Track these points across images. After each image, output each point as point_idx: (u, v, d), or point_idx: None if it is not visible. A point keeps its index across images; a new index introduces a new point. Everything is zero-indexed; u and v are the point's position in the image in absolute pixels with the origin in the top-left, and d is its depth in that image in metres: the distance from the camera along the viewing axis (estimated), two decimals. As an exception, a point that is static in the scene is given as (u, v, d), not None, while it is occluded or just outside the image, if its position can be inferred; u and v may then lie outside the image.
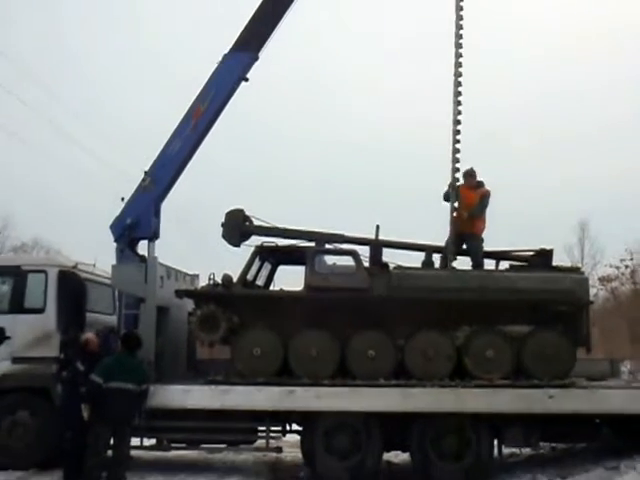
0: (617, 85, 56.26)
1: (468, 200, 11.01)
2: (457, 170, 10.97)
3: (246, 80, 11.72)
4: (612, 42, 56.84)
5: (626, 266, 28.11)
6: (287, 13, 11.70)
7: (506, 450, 10.90)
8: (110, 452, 9.51)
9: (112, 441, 9.49)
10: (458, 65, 11.06)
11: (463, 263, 11.12)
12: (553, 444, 11.48)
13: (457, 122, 11.00)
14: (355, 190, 52.82)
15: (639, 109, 53.64)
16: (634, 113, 54.19)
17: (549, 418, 9.91)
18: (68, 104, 49.73)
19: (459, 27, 11.07)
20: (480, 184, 11.13)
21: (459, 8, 11.08)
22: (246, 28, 11.67)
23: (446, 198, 11.03)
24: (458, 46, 11.07)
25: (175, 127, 11.53)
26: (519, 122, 54.12)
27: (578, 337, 10.37)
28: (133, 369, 9.58)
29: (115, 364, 9.54)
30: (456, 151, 10.96)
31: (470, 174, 11.14)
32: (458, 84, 11.07)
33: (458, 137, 10.98)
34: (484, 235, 11.10)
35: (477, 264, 10.90)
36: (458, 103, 11.05)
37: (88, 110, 55.02)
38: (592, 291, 11.79)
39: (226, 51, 11.62)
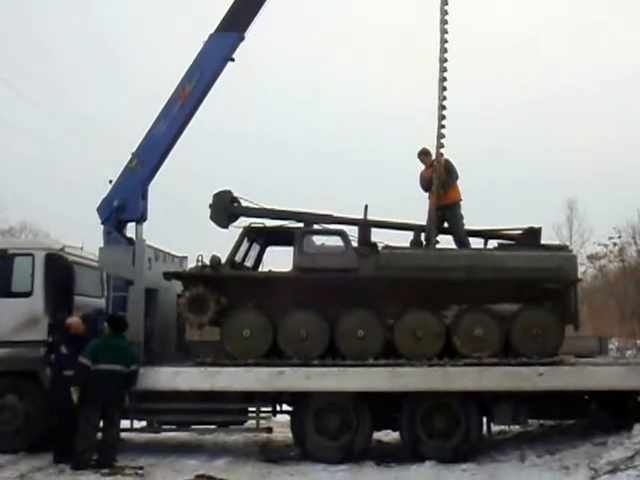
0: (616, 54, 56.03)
1: (429, 177, 11.17)
2: (442, 146, 11.06)
3: (232, 60, 11.64)
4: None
5: (614, 244, 28.21)
6: None
7: (495, 428, 10.97)
8: (100, 435, 9.53)
9: (102, 424, 9.51)
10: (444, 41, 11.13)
11: (450, 242, 11.19)
12: (541, 421, 11.59)
13: (443, 95, 11.07)
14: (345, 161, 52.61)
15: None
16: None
17: (537, 395, 9.96)
18: (49, 83, 49.29)
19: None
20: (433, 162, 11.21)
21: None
22: (232, 7, 11.56)
23: (422, 185, 11.24)
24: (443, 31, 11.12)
25: (162, 108, 11.44)
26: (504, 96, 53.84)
27: (566, 315, 10.42)
28: (121, 350, 9.58)
29: (102, 346, 9.54)
30: (441, 126, 11.06)
31: (424, 152, 11.34)
32: (444, 60, 11.16)
33: (444, 112, 11.10)
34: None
35: (459, 236, 10.94)
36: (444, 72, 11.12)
37: (73, 91, 54.63)
38: (580, 269, 11.81)
39: (212, 31, 11.53)
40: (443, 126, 11.07)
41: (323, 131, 57.99)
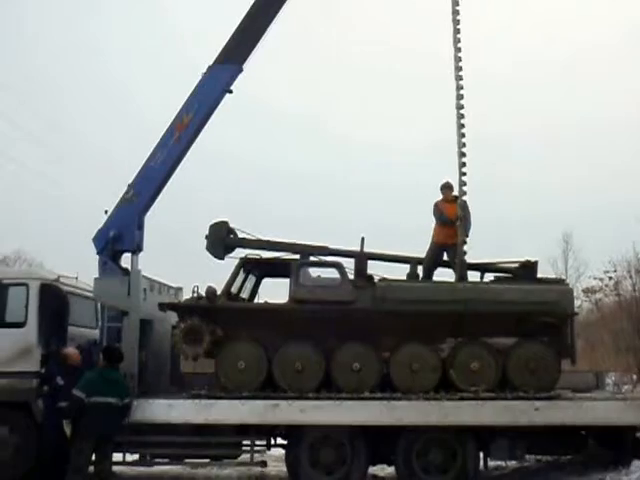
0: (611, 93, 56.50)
1: (449, 212, 11.03)
2: (464, 174, 10.95)
3: (230, 92, 11.69)
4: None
5: (610, 278, 28.22)
6: (272, 24, 11.69)
7: (492, 463, 10.89)
8: (92, 468, 9.40)
9: (94, 456, 9.38)
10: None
11: (444, 275, 11.17)
12: (539, 456, 11.48)
13: (461, 125, 11.06)
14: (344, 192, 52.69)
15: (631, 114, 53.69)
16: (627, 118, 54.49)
17: (535, 430, 9.90)
18: (45, 111, 49.41)
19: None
20: (456, 197, 11.13)
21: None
22: (231, 39, 11.65)
23: (435, 214, 11.12)
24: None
25: (159, 139, 11.48)
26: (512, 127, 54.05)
27: (563, 349, 10.38)
28: (115, 383, 9.49)
29: (97, 378, 9.45)
30: (463, 164, 10.95)
31: (448, 187, 11.21)
32: (460, 85, 11.17)
33: (463, 140, 11.01)
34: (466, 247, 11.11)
35: (461, 275, 10.90)
36: (461, 108, 11.12)
37: (68, 120, 54.89)
38: (576, 303, 11.81)
39: (210, 63, 11.61)
40: (464, 164, 10.92)
41: (321, 161, 58.09)
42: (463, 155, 10.93)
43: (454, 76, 11.15)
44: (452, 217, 10.95)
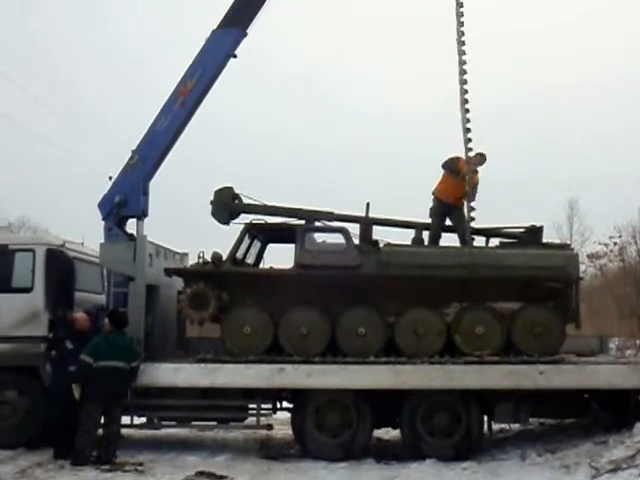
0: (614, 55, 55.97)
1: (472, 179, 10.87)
2: (470, 150, 10.72)
3: (234, 57, 11.58)
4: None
5: (614, 243, 28.15)
6: None
7: (496, 426, 10.97)
8: (100, 431, 9.52)
9: (103, 420, 9.50)
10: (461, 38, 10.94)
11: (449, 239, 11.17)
12: (542, 420, 11.57)
13: (465, 101, 10.85)
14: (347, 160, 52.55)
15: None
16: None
17: (539, 394, 9.96)
18: (49, 76, 49.14)
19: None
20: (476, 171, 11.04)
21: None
22: (234, 3, 11.51)
23: (447, 167, 10.98)
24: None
25: (163, 104, 11.41)
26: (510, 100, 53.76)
27: (568, 313, 10.41)
28: (122, 347, 9.59)
29: (104, 343, 9.54)
30: (467, 130, 10.71)
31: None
32: (462, 52, 10.86)
33: (468, 116, 10.74)
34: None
35: (466, 240, 10.88)
36: (464, 72, 10.91)
37: (73, 85, 54.59)
38: (581, 268, 11.79)
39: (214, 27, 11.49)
40: (470, 139, 10.69)
41: (326, 128, 57.84)
42: (468, 131, 10.75)
43: (457, 51, 10.92)
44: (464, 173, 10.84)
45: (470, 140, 10.70)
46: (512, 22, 58.59)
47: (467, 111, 10.77)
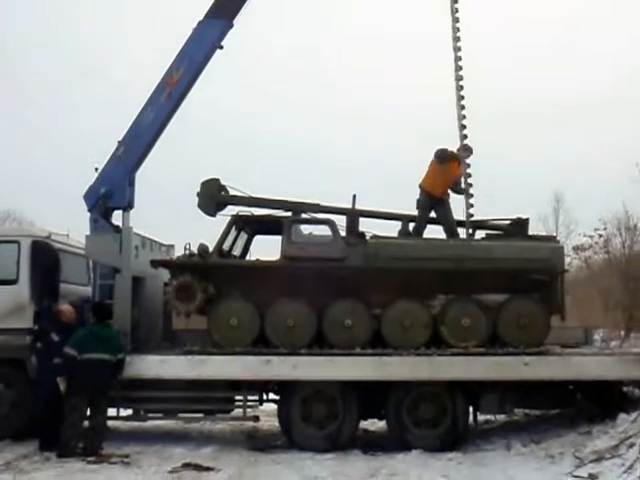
0: (599, 58, 56.19)
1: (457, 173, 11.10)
2: (465, 127, 10.99)
3: (221, 48, 11.56)
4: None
5: (600, 235, 28.31)
6: None
7: (481, 417, 11.04)
8: (86, 423, 9.50)
9: (88, 412, 9.48)
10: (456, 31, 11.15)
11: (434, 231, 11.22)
12: (527, 410, 11.65)
13: (460, 97, 11.05)
14: (333, 158, 52.50)
15: (619, 81, 53.51)
16: (615, 84, 54.21)
17: (524, 385, 10.02)
18: (39, 71, 48.77)
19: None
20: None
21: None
22: (221, -6, 11.47)
23: (440, 157, 11.02)
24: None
25: (149, 95, 11.36)
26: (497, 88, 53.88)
27: (553, 305, 10.47)
28: (107, 339, 9.57)
29: (88, 335, 9.52)
30: (463, 127, 10.98)
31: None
32: (458, 39, 11.12)
33: (463, 112, 11.03)
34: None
35: (452, 231, 10.95)
36: (458, 59, 11.10)
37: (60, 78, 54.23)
38: (566, 260, 11.86)
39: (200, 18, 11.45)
40: (465, 136, 10.97)
41: (308, 124, 57.74)
42: (464, 127, 11.00)
43: (452, 47, 11.11)
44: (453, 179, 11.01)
45: (466, 136, 10.89)
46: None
47: (463, 107, 10.93)
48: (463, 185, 10.99)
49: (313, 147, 53.05)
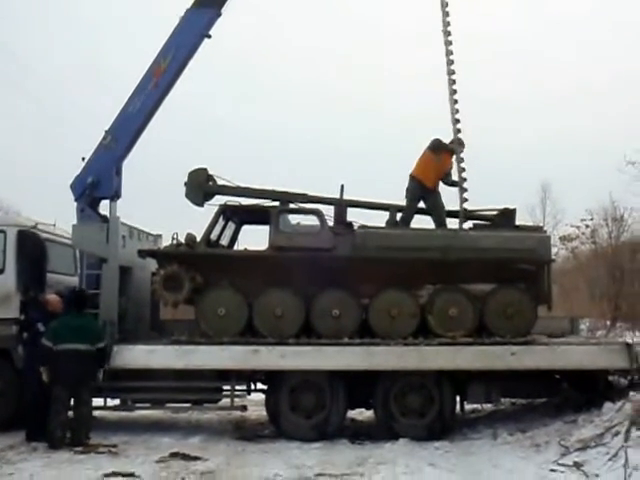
0: (590, 48, 56.30)
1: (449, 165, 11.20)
2: (458, 121, 11.13)
3: (209, 37, 11.49)
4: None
5: (586, 226, 28.53)
6: None
7: (468, 406, 11.11)
8: (71, 413, 9.48)
9: (73, 402, 9.45)
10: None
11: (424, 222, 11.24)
12: (513, 400, 11.72)
13: (453, 91, 11.14)
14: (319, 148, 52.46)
15: (612, 71, 53.76)
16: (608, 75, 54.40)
17: (510, 374, 10.06)
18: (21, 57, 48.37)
19: None
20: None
21: None
22: (209, -18, 11.40)
23: (436, 147, 11.10)
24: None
25: (136, 85, 11.30)
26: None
27: (539, 295, 10.50)
28: (81, 328, 9.50)
29: (61, 325, 9.47)
30: (457, 121, 11.11)
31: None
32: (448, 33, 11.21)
33: (457, 107, 11.14)
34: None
35: (441, 221, 10.98)
36: (450, 53, 11.18)
37: (46, 68, 53.82)
38: (553, 250, 11.93)
39: (188, 6, 11.37)
40: (459, 130, 11.10)
41: (303, 113, 57.60)
42: (457, 122, 11.11)
43: (443, 41, 11.18)
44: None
45: (459, 130, 11.05)
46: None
47: (456, 102, 11.04)
48: (456, 178, 11.04)
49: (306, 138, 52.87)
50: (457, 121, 11.06)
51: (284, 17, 58.65)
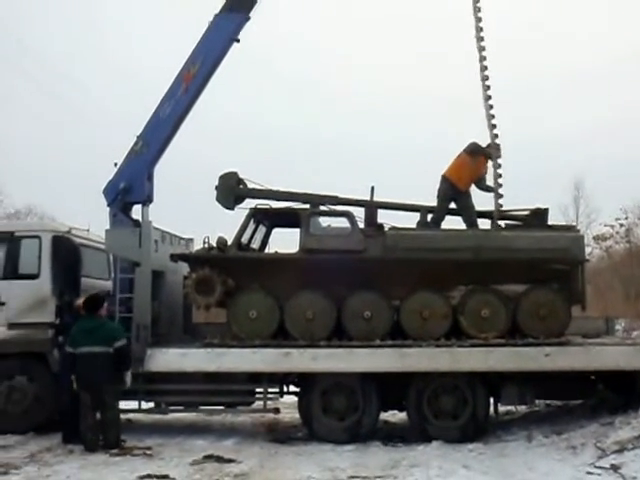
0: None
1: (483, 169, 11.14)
2: (495, 126, 10.99)
3: (237, 41, 11.53)
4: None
5: (621, 225, 28.14)
6: None
7: (502, 408, 11.01)
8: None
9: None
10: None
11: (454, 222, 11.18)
12: (548, 401, 11.61)
13: (487, 87, 11.03)
14: (351, 151, 52.44)
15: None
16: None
17: (544, 376, 9.98)
18: (51, 62, 49.04)
19: None
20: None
21: None
22: (237, -14, 11.44)
23: (475, 150, 11.07)
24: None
25: (167, 90, 11.39)
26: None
27: (573, 295, 10.39)
28: (94, 331, 9.49)
29: (77, 330, 9.54)
30: (491, 117, 10.98)
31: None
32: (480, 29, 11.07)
33: (490, 102, 11.02)
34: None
35: (472, 222, 10.91)
36: (483, 58, 11.04)
37: (77, 72, 54.59)
38: (587, 250, 11.79)
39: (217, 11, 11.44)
40: (494, 126, 10.97)
41: (329, 119, 57.62)
42: (494, 127, 10.98)
43: (476, 47, 11.06)
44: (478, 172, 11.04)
45: (497, 135, 10.95)
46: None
47: (491, 107, 10.98)
48: (491, 184, 10.95)
49: (333, 141, 52.89)
50: (494, 126, 10.95)
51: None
